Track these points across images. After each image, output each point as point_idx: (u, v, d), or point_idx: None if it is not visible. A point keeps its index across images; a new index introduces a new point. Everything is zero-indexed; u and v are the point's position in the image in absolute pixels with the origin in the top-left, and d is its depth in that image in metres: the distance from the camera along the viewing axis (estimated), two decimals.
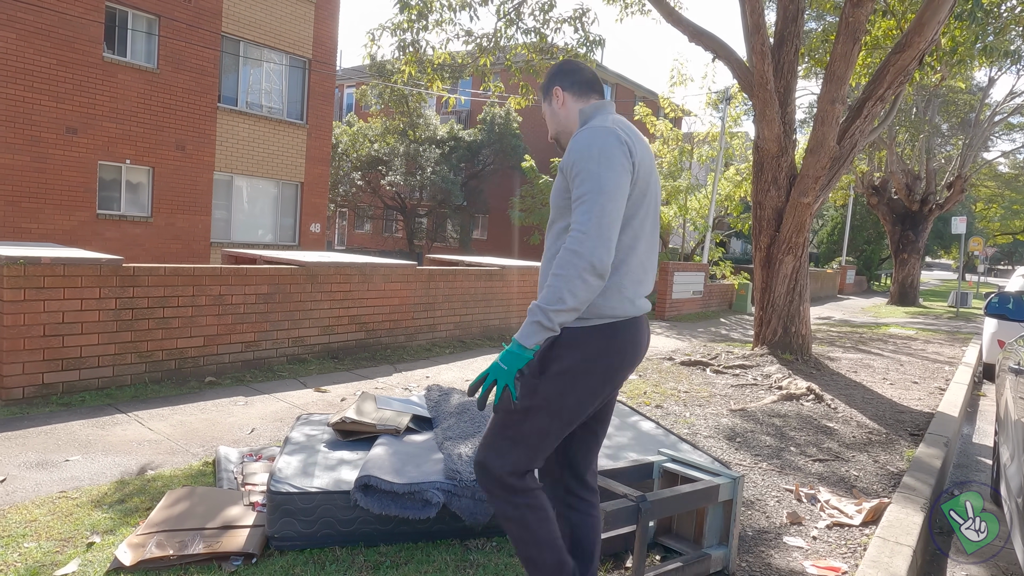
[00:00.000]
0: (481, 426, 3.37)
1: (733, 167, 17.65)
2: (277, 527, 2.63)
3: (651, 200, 1.94)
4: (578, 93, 2.03)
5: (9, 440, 3.94)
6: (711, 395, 6.09)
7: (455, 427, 3.42)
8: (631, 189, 1.84)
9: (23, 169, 11.13)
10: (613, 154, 1.79)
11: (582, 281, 1.71)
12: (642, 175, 1.88)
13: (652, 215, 1.96)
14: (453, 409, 3.65)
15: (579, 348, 1.85)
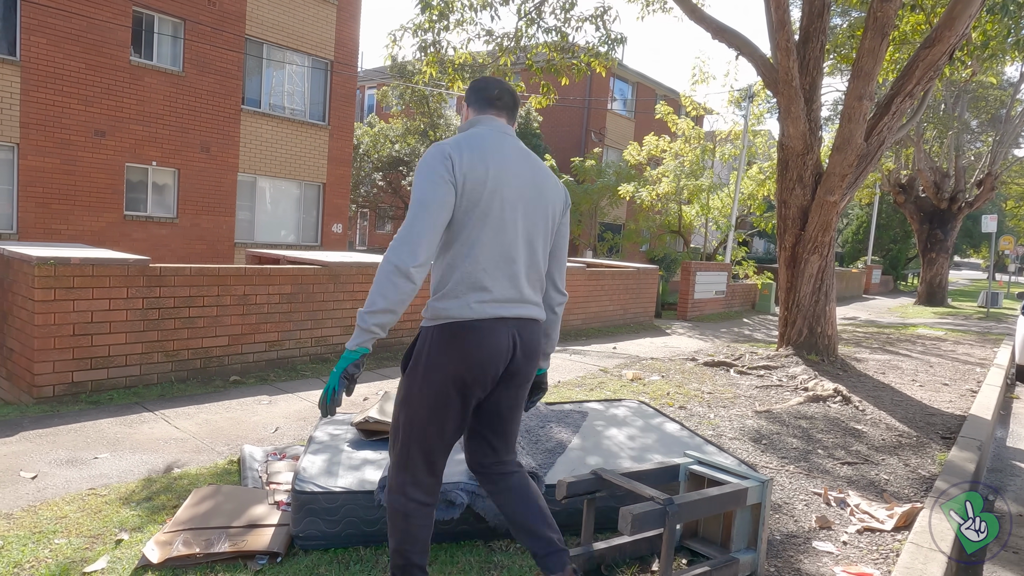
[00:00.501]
0: None
1: (756, 165, 17.44)
2: (301, 526, 2.64)
3: (506, 211, 2.03)
4: (477, 108, 2.20)
5: (40, 437, 4.01)
6: (735, 396, 6.01)
7: None
8: (460, 199, 1.96)
9: (53, 172, 11.35)
10: (433, 167, 1.95)
11: (391, 283, 1.88)
12: (475, 186, 1.97)
13: (511, 225, 2.03)
14: None
15: (424, 346, 2.03)
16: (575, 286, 10.04)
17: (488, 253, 2.01)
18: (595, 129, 24.80)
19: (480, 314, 2.00)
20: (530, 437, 3.45)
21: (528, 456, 3.01)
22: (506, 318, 2.03)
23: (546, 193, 2.14)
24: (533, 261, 2.11)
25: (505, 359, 2.05)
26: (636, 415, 4.07)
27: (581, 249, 22.79)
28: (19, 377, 4.87)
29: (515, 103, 2.25)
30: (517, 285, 2.06)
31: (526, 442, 3.35)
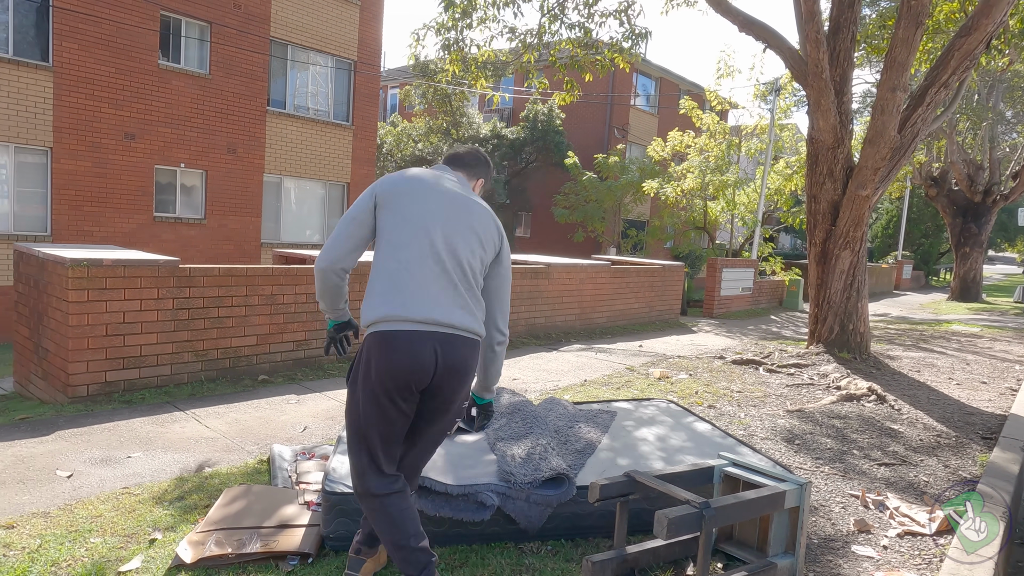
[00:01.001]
0: (533, 426, 3.32)
1: (783, 160, 17.17)
2: (332, 527, 2.63)
3: (419, 228, 2.19)
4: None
5: (75, 436, 4.07)
6: (765, 395, 5.91)
7: (507, 427, 3.38)
8: (380, 213, 2.23)
9: (85, 174, 11.57)
10: (364, 191, 2.29)
11: (316, 277, 2.27)
12: (391, 202, 2.22)
13: (427, 243, 2.18)
14: (504, 409, 3.61)
15: (360, 353, 2.22)
16: (600, 283, 9.96)
17: (403, 268, 2.16)
18: (618, 125, 24.63)
19: (393, 324, 2.13)
20: (559, 437, 3.42)
21: (558, 457, 2.97)
22: (423, 332, 2.13)
23: (475, 222, 2.26)
24: (462, 278, 2.20)
25: (427, 371, 2.13)
26: (665, 415, 4.01)
27: (604, 246, 22.64)
28: (54, 377, 4.96)
29: (475, 161, 2.49)
30: (432, 297, 2.15)
31: (556, 442, 3.32)
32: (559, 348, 8.24)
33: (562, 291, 9.26)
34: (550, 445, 3.10)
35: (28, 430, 4.15)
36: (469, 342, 2.20)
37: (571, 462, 3.07)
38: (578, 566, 2.58)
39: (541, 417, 3.49)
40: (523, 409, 3.60)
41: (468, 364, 2.21)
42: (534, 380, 6.37)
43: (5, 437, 3.99)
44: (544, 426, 3.37)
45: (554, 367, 7.05)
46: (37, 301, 5.19)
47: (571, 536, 2.79)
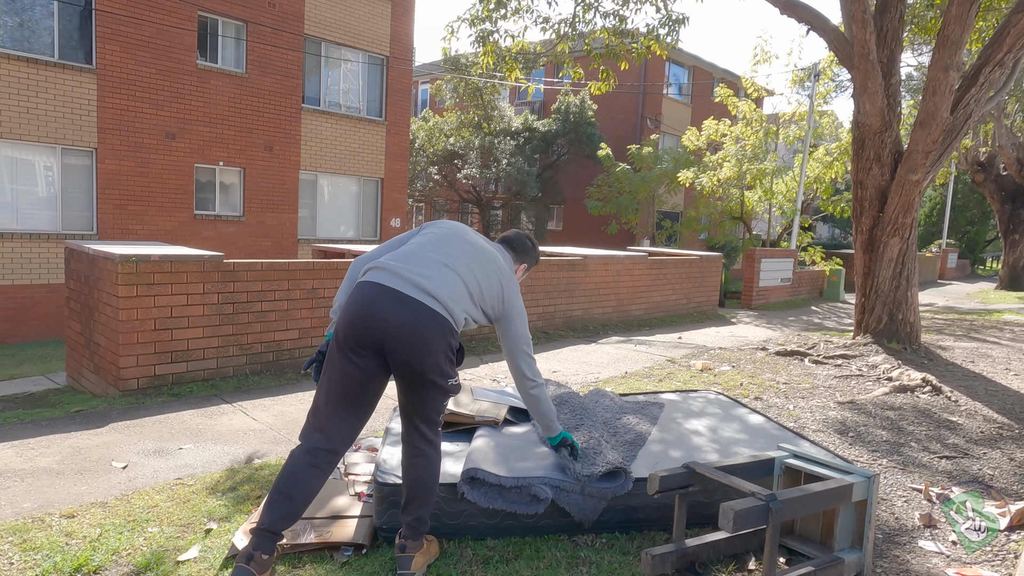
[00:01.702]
0: (583, 418, 3.27)
1: (822, 147, 16.75)
2: (385, 518, 2.62)
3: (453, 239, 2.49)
4: None
5: (128, 428, 4.15)
6: (813, 387, 5.76)
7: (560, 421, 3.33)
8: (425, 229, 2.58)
9: (128, 174, 11.83)
10: None
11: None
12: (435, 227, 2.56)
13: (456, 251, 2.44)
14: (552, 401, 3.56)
15: None
16: (637, 275, 9.85)
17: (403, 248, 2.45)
18: (651, 116, 24.31)
19: (370, 274, 2.33)
20: (608, 429, 3.36)
21: (613, 450, 2.92)
22: (386, 287, 2.25)
23: (500, 273, 2.47)
24: (471, 280, 2.38)
25: (375, 325, 2.20)
26: (715, 406, 3.92)
27: (638, 238, 22.42)
28: (105, 371, 5.07)
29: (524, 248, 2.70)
30: (416, 264, 2.33)
31: (605, 434, 3.26)
32: (597, 340, 8.17)
33: (599, 283, 9.17)
34: (603, 438, 3.05)
35: (83, 422, 4.25)
36: (430, 312, 2.24)
37: (622, 454, 3.01)
38: (635, 559, 2.53)
39: (589, 409, 3.44)
40: (570, 400, 3.55)
41: (421, 331, 2.22)
42: (574, 372, 6.31)
43: (62, 429, 4.09)
44: (593, 418, 3.32)
45: (594, 359, 6.98)
46: (88, 297, 5.30)
47: (625, 529, 2.74)
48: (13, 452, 3.66)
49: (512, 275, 2.53)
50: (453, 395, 2.42)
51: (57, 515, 2.91)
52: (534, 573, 2.44)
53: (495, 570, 2.46)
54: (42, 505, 3.02)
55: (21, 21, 10.65)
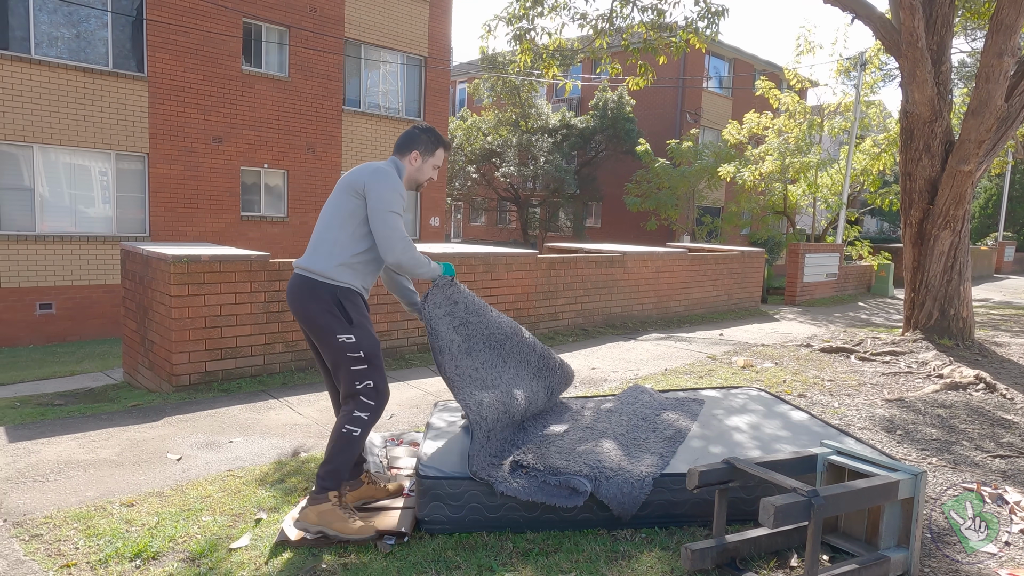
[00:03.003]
0: (631, 415, 3.28)
1: (869, 138, 16.27)
2: (427, 511, 2.68)
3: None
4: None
5: (182, 423, 4.32)
6: (860, 384, 5.63)
7: (597, 415, 3.35)
8: None
9: (178, 177, 12.24)
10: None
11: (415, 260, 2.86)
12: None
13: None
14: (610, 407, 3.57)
15: None
16: (676, 271, 9.75)
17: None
18: (690, 110, 23.99)
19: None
20: (647, 425, 3.36)
21: (648, 455, 2.92)
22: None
23: (342, 182, 2.79)
24: (320, 226, 2.81)
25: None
26: (757, 403, 3.88)
27: (678, 234, 22.15)
28: (159, 367, 5.27)
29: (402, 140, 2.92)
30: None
31: (644, 431, 3.26)
32: (636, 337, 8.12)
33: (638, 280, 9.12)
34: (640, 434, 3.05)
35: (139, 416, 4.44)
36: (298, 279, 2.74)
37: (662, 450, 3.01)
38: (674, 554, 2.53)
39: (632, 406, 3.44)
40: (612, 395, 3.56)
41: (296, 295, 2.72)
42: (613, 369, 6.30)
43: (120, 423, 4.28)
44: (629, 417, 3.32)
45: (633, 356, 6.95)
46: (143, 296, 5.53)
47: (664, 524, 2.74)
48: (76, 444, 3.85)
49: (375, 167, 2.76)
50: (354, 352, 2.67)
51: (118, 503, 3.05)
52: (574, 566, 2.46)
53: (535, 563, 2.49)
54: (104, 494, 3.17)
55: (77, 33, 11.11)
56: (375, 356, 2.70)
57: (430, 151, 2.88)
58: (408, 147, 2.86)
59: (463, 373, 2.95)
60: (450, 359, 2.94)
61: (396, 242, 2.68)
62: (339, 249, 2.71)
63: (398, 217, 2.70)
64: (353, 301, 2.71)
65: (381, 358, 2.74)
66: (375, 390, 2.69)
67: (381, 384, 2.71)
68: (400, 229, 2.71)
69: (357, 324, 2.68)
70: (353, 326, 2.67)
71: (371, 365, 2.68)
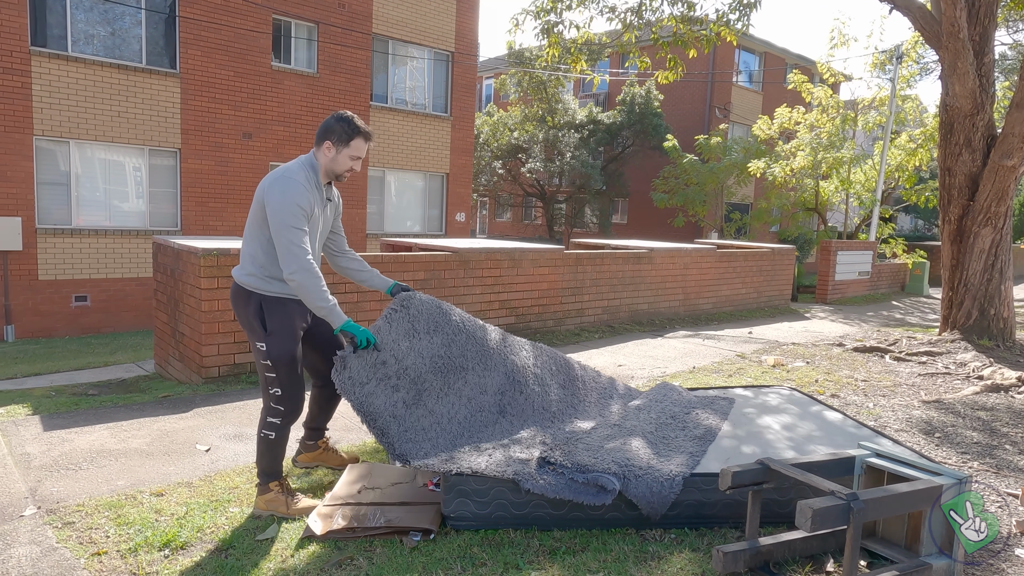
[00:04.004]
0: (659, 413, 3.22)
1: (905, 133, 15.87)
2: (452, 507, 2.66)
3: None
4: None
5: (211, 414, 4.36)
6: (895, 384, 5.48)
7: (625, 412, 3.30)
8: None
9: (209, 173, 12.41)
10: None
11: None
12: None
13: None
14: (638, 404, 3.52)
15: None
16: (705, 268, 9.62)
17: None
18: (719, 105, 23.65)
19: None
20: (676, 424, 3.29)
21: (678, 454, 2.86)
22: None
23: (258, 188, 2.77)
24: (247, 223, 2.86)
25: None
26: (789, 402, 3.79)
27: (706, 231, 21.88)
28: (189, 359, 5.34)
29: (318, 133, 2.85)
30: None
31: (673, 429, 3.20)
32: (664, 335, 8.03)
33: (665, 276, 9.01)
34: (668, 432, 2.99)
35: (170, 407, 4.49)
36: (232, 284, 2.86)
37: (692, 448, 2.95)
38: (705, 556, 2.47)
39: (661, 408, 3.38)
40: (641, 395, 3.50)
41: (232, 301, 2.86)
42: (640, 367, 6.22)
43: (151, 413, 4.34)
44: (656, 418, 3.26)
45: (660, 354, 6.86)
46: (174, 289, 5.60)
47: (695, 525, 2.68)
48: (108, 433, 3.91)
49: (274, 178, 2.72)
50: (264, 359, 2.75)
51: (147, 493, 3.08)
52: (602, 566, 2.42)
53: (562, 561, 2.46)
54: (134, 483, 3.21)
55: (112, 30, 11.31)
56: (284, 365, 2.75)
57: (344, 141, 2.78)
58: (321, 137, 2.79)
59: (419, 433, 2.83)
60: (400, 433, 2.80)
61: (289, 260, 2.61)
62: (258, 259, 2.74)
63: (294, 231, 2.61)
64: (276, 309, 2.75)
65: (296, 367, 2.79)
66: (282, 398, 2.77)
67: (289, 391, 2.77)
68: (296, 245, 2.60)
69: (272, 332, 2.74)
70: (268, 334, 2.74)
71: (279, 373, 2.75)
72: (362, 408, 2.78)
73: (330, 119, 2.82)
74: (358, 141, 2.81)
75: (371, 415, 2.78)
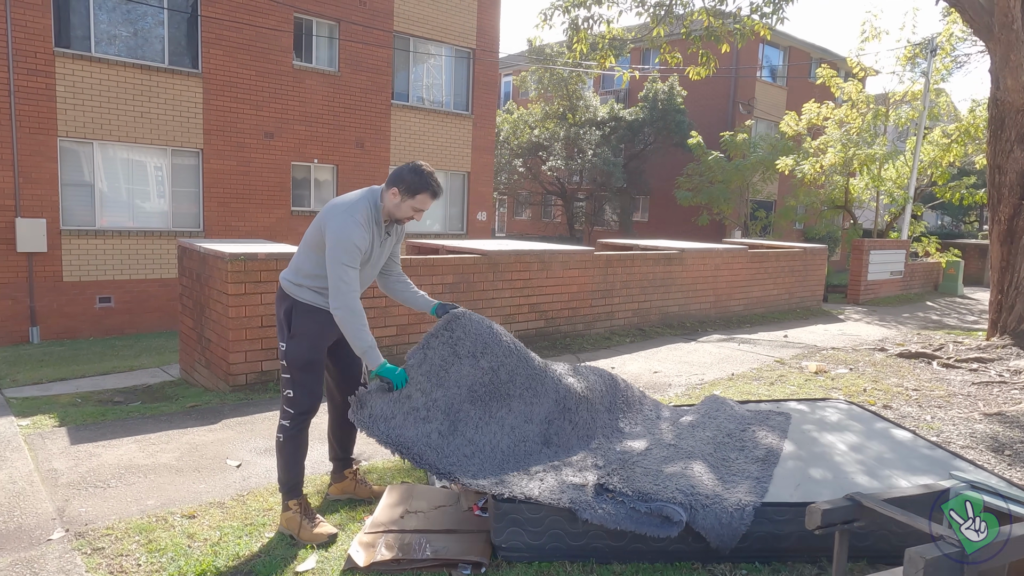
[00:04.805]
0: (715, 431, 3.02)
1: (939, 128, 15.44)
2: (504, 537, 2.48)
3: None
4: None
5: (240, 425, 4.22)
6: (949, 394, 5.22)
7: (678, 430, 3.10)
8: None
9: (231, 173, 12.34)
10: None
11: None
12: None
13: None
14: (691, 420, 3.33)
15: None
16: (736, 269, 9.36)
17: None
18: (743, 100, 23.24)
19: None
20: (733, 443, 3.09)
21: (743, 479, 2.65)
22: None
23: (322, 211, 2.81)
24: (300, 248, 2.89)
25: None
26: (850, 418, 3.56)
27: (729, 229, 21.52)
28: (216, 366, 5.21)
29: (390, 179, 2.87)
30: None
31: (731, 449, 3.00)
32: (697, 338, 7.79)
33: (696, 278, 8.77)
34: (727, 453, 2.79)
35: (198, 418, 4.36)
36: (279, 285, 2.88)
37: (757, 473, 2.74)
38: None
39: (727, 431, 3.18)
40: (707, 416, 3.30)
41: (276, 298, 2.88)
42: (676, 373, 6.01)
43: (179, 425, 4.20)
44: (717, 435, 3.06)
45: (695, 359, 6.64)
46: (199, 294, 5.47)
47: (766, 559, 2.48)
48: (136, 447, 3.78)
49: (338, 211, 2.73)
50: (281, 359, 2.80)
51: (179, 515, 2.94)
52: None
53: None
54: (164, 503, 3.07)
55: (135, 31, 11.26)
56: (296, 367, 2.76)
57: (410, 193, 2.80)
58: (393, 182, 2.83)
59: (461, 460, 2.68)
60: (440, 459, 2.66)
61: (336, 295, 2.66)
62: (304, 271, 2.80)
63: (346, 269, 2.66)
64: (304, 314, 2.77)
65: (310, 372, 2.79)
66: (293, 400, 2.79)
67: (300, 396, 2.78)
68: (344, 282, 2.65)
69: (295, 335, 2.76)
70: (291, 336, 2.77)
71: (292, 374, 2.77)
72: (391, 441, 2.64)
73: (405, 167, 2.84)
74: (424, 196, 2.83)
75: (403, 446, 2.64)
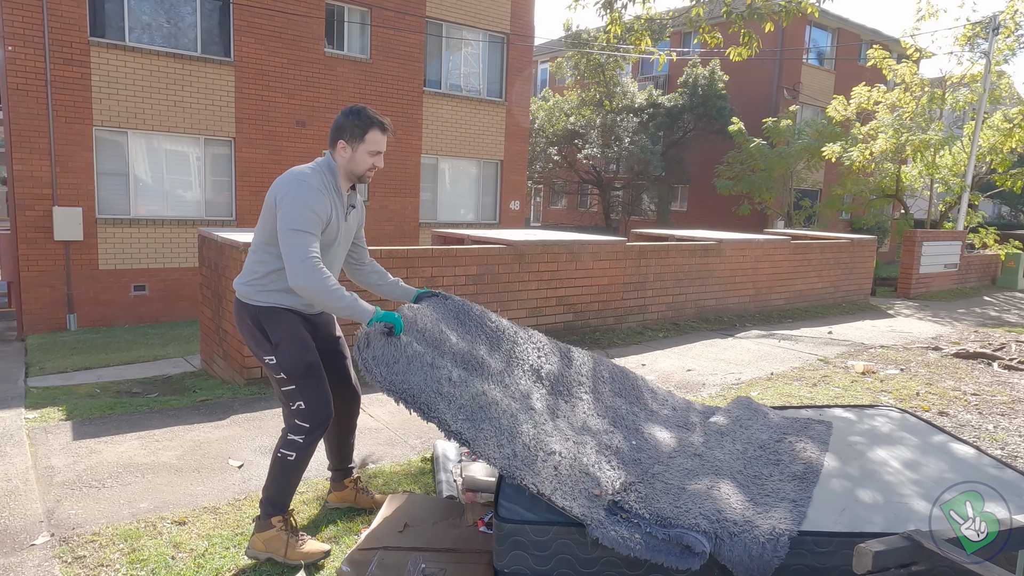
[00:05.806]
0: (746, 443, 2.72)
1: (999, 112, 14.53)
2: (506, 560, 2.23)
3: None
4: None
5: (248, 421, 4.07)
6: (1013, 400, 4.78)
7: (706, 439, 2.81)
8: None
9: (263, 162, 12.33)
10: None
11: None
12: None
13: None
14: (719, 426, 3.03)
15: None
16: (777, 261, 8.90)
17: None
18: (788, 85, 22.37)
19: None
20: (767, 456, 2.78)
21: (778, 501, 2.35)
22: None
23: (268, 193, 2.48)
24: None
25: None
26: (903, 430, 3.21)
27: (772, 219, 20.80)
28: (232, 358, 5.09)
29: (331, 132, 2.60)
30: None
31: (764, 464, 2.69)
32: (734, 334, 7.41)
33: (735, 270, 8.36)
34: (758, 468, 2.48)
35: (207, 413, 4.23)
36: (234, 297, 2.59)
37: (794, 494, 2.44)
38: None
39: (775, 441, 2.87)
40: (737, 427, 3.00)
41: (234, 314, 2.58)
42: (711, 372, 5.67)
43: (186, 420, 4.08)
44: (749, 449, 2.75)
45: (732, 356, 6.28)
46: (217, 284, 5.36)
47: None
48: (139, 444, 3.65)
49: (288, 178, 2.43)
50: (276, 373, 2.48)
51: (169, 520, 2.78)
52: None
53: None
54: (157, 507, 2.92)
55: (168, 19, 11.28)
56: (300, 375, 2.47)
57: (358, 136, 2.48)
58: (334, 137, 2.52)
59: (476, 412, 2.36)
60: (453, 412, 2.33)
61: (295, 265, 2.31)
62: (260, 269, 2.49)
63: (303, 235, 2.32)
64: (275, 320, 2.48)
65: (314, 375, 2.50)
66: (306, 412, 2.48)
67: (314, 404, 2.49)
68: (302, 249, 2.31)
69: (278, 344, 2.47)
70: (274, 347, 2.47)
71: (297, 385, 2.47)
72: (395, 388, 2.32)
73: (340, 115, 2.53)
74: (374, 133, 2.50)
75: (409, 394, 2.32)
